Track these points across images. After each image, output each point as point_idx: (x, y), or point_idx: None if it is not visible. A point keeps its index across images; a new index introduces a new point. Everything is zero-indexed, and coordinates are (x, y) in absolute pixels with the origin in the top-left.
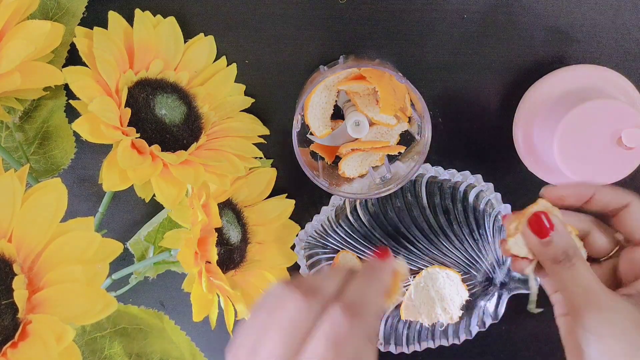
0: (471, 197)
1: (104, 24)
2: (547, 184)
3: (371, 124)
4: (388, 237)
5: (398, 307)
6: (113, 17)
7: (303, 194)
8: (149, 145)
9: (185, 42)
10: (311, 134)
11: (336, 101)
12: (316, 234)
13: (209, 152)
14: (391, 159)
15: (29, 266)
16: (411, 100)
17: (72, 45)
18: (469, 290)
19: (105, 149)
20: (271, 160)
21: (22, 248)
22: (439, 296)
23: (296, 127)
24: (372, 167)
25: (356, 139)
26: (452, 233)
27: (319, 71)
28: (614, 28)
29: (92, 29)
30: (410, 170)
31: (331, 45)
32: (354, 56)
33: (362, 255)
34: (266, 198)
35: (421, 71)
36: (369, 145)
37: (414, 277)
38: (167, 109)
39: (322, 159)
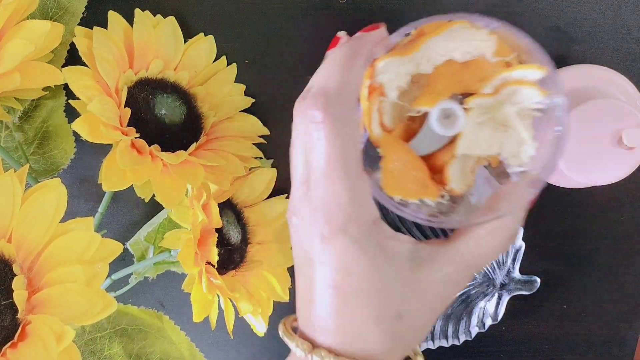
0: None
1: (104, 24)
2: (547, 184)
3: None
4: None
5: None
6: (113, 17)
7: None
8: (149, 145)
9: (185, 42)
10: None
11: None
12: None
13: (209, 152)
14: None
15: (29, 266)
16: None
17: (72, 45)
18: (468, 290)
19: (105, 149)
20: (271, 160)
21: (22, 248)
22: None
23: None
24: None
25: (451, 138)
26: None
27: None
28: (614, 28)
29: (92, 28)
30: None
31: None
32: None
33: None
34: (266, 198)
35: None
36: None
37: None
38: (167, 109)
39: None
